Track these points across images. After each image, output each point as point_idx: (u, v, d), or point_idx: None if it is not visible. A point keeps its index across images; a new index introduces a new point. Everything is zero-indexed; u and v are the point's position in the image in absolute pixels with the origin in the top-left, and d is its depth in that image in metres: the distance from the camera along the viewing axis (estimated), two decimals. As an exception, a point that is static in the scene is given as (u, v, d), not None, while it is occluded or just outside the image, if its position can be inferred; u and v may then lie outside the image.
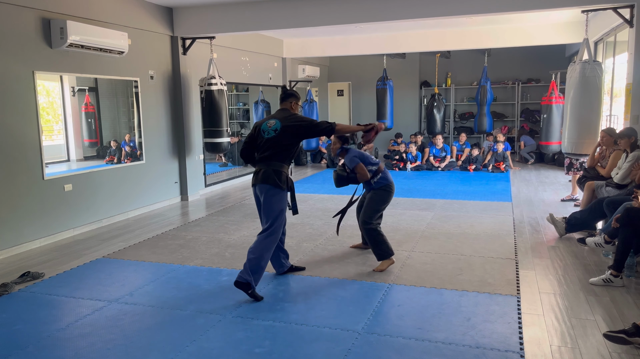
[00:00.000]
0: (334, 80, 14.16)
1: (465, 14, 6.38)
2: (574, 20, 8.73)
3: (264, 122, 4.04)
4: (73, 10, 5.75)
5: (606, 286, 3.98)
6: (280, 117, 4.00)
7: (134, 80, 6.79)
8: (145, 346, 3.14)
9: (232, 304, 3.75)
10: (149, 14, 7.01)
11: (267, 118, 4.09)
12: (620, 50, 7.06)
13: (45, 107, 5.59)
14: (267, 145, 3.94)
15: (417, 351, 3.02)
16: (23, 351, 3.11)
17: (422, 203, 7.21)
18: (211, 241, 5.49)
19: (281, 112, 4.09)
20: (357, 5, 6.66)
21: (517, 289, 3.96)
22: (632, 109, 5.68)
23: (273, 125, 3.95)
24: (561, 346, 3.06)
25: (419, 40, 10.24)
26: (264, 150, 3.95)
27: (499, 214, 6.50)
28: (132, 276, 4.42)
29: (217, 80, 7.56)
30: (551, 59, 12.05)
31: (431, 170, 10.66)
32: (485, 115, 11.01)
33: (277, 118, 3.98)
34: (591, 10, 6.19)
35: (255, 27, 7.24)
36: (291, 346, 3.10)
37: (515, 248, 5.04)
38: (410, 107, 13.54)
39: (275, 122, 3.95)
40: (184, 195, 7.84)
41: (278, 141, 3.91)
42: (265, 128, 3.97)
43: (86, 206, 6.05)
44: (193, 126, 7.91)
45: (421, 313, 3.55)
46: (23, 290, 4.15)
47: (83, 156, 6.25)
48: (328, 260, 4.76)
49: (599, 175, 5.79)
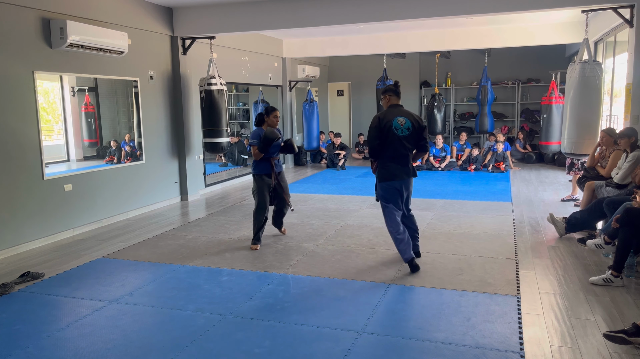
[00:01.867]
0: (334, 80, 14.16)
1: (465, 14, 6.38)
2: (574, 20, 8.73)
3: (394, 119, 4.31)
4: (73, 10, 5.75)
5: (606, 286, 3.98)
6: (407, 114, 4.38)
7: (134, 80, 6.79)
8: (145, 346, 3.14)
9: (232, 304, 3.75)
10: (148, 14, 7.01)
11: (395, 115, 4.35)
12: (620, 50, 7.06)
13: (45, 107, 5.59)
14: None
15: (417, 351, 3.02)
16: (23, 351, 3.11)
17: (422, 203, 7.21)
18: (211, 241, 5.49)
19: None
20: (357, 5, 6.66)
21: (517, 289, 3.96)
22: (632, 109, 5.68)
23: (404, 123, 4.30)
24: (561, 346, 3.06)
25: (419, 40, 10.24)
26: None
27: (499, 214, 6.50)
28: (132, 276, 4.42)
29: (217, 80, 7.56)
30: (551, 59, 12.05)
31: (431, 170, 10.66)
32: (486, 115, 11.01)
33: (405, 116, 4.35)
34: (591, 10, 6.19)
35: (255, 27, 7.24)
36: (291, 346, 3.10)
37: (515, 248, 5.04)
38: (411, 107, 13.52)
39: (405, 121, 4.31)
40: (183, 195, 7.84)
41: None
42: (398, 126, 4.28)
43: (86, 206, 6.05)
44: (193, 126, 7.91)
45: (421, 313, 3.55)
46: (23, 290, 4.14)
47: (83, 156, 6.24)
48: (328, 260, 4.76)
49: (599, 175, 5.79)
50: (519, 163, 11.18)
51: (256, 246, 5.16)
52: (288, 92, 11.41)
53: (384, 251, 4.97)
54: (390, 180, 4.33)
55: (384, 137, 4.25)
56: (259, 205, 5.20)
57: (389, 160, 4.31)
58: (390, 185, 4.35)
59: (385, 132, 4.24)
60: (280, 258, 4.85)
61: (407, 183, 4.41)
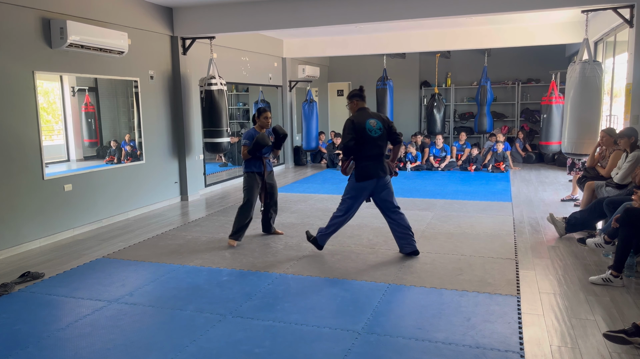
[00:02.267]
0: (334, 80, 14.16)
1: (465, 14, 6.39)
2: (574, 20, 8.73)
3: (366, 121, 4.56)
4: (73, 10, 5.75)
5: (606, 286, 3.98)
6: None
7: (134, 80, 6.79)
8: (145, 346, 3.14)
9: (232, 304, 3.75)
10: (148, 14, 7.01)
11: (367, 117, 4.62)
12: (620, 50, 7.06)
13: (45, 107, 5.59)
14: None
15: (417, 351, 3.02)
16: (23, 351, 3.11)
17: (422, 203, 7.21)
18: (211, 241, 5.49)
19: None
20: (357, 5, 6.66)
21: (517, 289, 3.96)
22: (632, 109, 5.68)
23: (376, 124, 4.57)
24: (561, 346, 3.06)
25: (419, 40, 10.24)
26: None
27: (499, 214, 6.50)
28: (132, 276, 4.42)
29: (217, 80, 7.56)
30: (551, 59, 12.05)
31: (431, 170, 10.66)
32: (485, 115, 11.01)
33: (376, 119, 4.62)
34: (591, 10, 6.19)
35: (255, 27, 7.24)
36: (291, 346, 3.10)
37: (515, 248, 5.04)
38: (410, 107, 13.54)
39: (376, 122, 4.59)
40: (183, 195, 7.84)
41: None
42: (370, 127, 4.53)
43: (86, 206, 6.05)
44: (193, 126, 7.91)
45: (421, 313, 3.55)
46: (23, 290, 4.15)
47: (83, 156, 6.25)
48: (328, 260, 4.76)
49: (599, 175, 5.79)
50: (518, 164, 11.18)
51: (234, 243, 5.22)
52: (288, 92, 11.41)
53: (384, 251, 4.97)
54: (368, 178, 4.56)
55: (359, 139, 4.50)
56: (247, 201, 5.25)
57: (365, 160, 4.56)
58: (363, 186, 4.60)
59: (360, 134, 4.49)
60: (280, 258, 4.85)
61: (384, 181, 4.62)
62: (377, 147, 4.55)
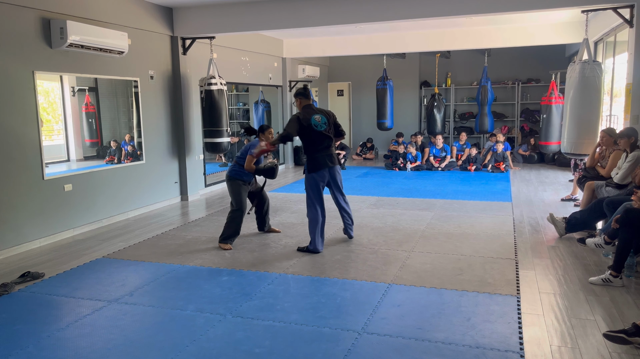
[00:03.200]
0: (334, 80, 14.17)
1: (465, 14, 6.39)
2: (574, 20, 8.73)
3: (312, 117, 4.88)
4: (73, 10, 5.75)
5: (606, 286, 3.98)
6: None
7: (134, 80, 6.79)
8: (145, 346, 3.14)
9: (232, 304, 3.76)
10: (149, 14, 7.01)
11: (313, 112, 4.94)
12: (620, 50, 7.07)
13: (45, 107, 5.59)
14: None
15: (417, 351, 3.02)
16: (23, 351, 3.11)
17: (422, 203, 7.21)
18: (211, 241, 5.49)
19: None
20: (357, 5, 6.67)
21: (517, 289, 3.96)
22: (632, 109, 5.68)
23: (320, 119, 4.90)
24: (561, 346, 3.06)
25: (419, 40, 10.24)
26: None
27: (499, 214, 6.50)
28: (132, 276, 4.42)
29: (217, 80, 7.56)
30: (551, 59, 12.05)
31: (431, 170, 10.66)
32: (486, 115, 11.01)
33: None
34: (591, 10, 6.19)
35: (255, 27, 7.24)
36: (291, 346, 3.10)
37: (515, 248, 5.04)
38: (410, 107, 13.55)
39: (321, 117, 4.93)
40: (184, 195, 7.84)
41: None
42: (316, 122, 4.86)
43: (86, 206, 6.05)
44: (193, 126, 7.91)
45: (421, 313, 3.55)
46: (23, 290, 4.15)
47: (83, 156, 6.25)
48: (328, 259, 4.76)
49: (599, 175, 5.80)
50: (518, 164, 11.18)
51: (228, 246, 5.19)
52: (288, 92, 11.41)
53: (384, 251, 4.97)
54: (319, 169, 4.92)
55: (307, 134, 4.86)
56: (241, 206, 5.25)
57: (314, 153, 4.91)
58: (317, 176, 4.92)
59: (307, 130, 4.84)
60: (280, 258, 4.85)
61: (333, 170, 5.03)
62: (323, 140, 4.90)
